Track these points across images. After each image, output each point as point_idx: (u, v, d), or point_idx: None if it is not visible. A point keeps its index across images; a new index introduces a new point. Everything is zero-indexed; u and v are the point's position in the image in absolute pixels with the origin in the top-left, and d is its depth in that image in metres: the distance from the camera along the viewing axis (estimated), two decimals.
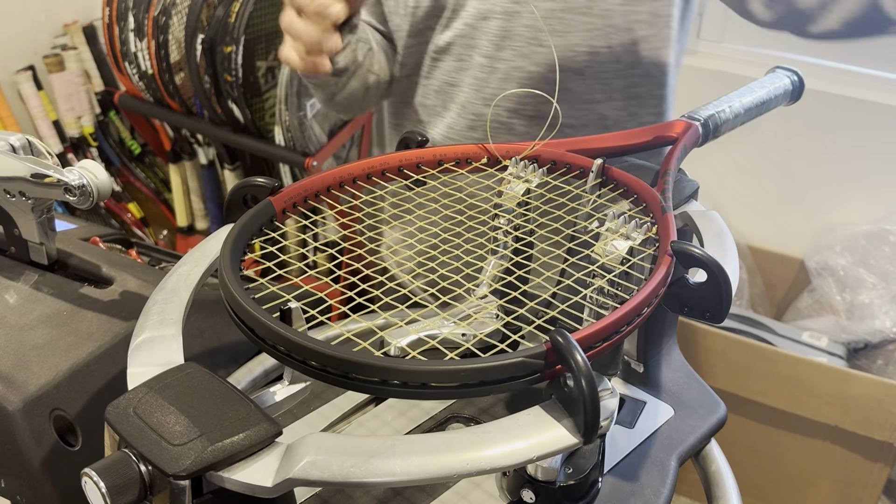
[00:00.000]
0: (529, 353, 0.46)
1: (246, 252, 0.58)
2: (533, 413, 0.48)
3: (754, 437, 1.74)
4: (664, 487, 0.62)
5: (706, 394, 0.71)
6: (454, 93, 0.93)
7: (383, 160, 0.69)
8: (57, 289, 0.74)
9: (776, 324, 1.83)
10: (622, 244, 0.58)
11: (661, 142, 0.71)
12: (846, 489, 1.70)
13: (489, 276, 0.67)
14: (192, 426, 0.45)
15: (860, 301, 1.76)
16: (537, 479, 0.56)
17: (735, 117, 0.75)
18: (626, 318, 0.50)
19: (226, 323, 0.76)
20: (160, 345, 0.52)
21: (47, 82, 1.93)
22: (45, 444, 0.63)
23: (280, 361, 0.49)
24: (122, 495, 0.44)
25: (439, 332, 0.58)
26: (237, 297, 0.50)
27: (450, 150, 0.71)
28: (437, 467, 0.44)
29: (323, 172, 0.67)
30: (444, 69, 0.92)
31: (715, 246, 0.59)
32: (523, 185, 0.67)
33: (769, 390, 1.66)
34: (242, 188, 0.64)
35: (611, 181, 0.67)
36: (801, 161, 1.88)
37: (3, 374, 0.63)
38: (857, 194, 1.85)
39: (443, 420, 0.70)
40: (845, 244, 1.81)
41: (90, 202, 0.68)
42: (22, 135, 0.73)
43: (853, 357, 1.76)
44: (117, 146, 2.09)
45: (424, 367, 0.45)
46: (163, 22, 1.73)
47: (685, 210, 0.65)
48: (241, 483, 0.44)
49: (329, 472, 0.44)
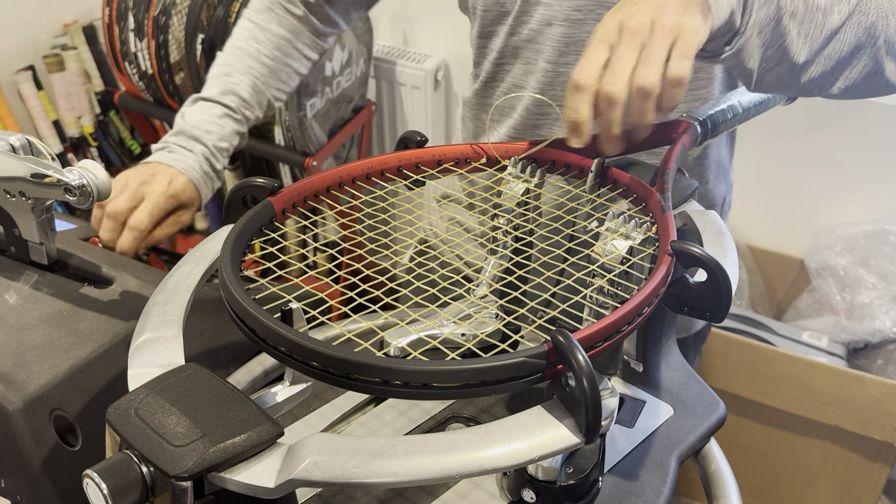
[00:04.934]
0: (531, 352, 0.46)
1: (246, 252, 0.58)
2: (534, 413, 0.48)
3: (754, 437, 1.74)
4: (664, 487, 0.62)
5: (705, 393, 0.71)
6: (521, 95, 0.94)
7: (383, 160, 0.69)
8: (57, 289, 0.74)
9: (776, 324, 1.83)
10: (622, 244, 0.58)
11: (660, 141, 0.71)
12: (846, 489, 1.70)
13: (489, 275, 0.67)
14: (194, 427, 0.45)
15: (860, 301, 1.76)
16: (538, 479, 0.56)
17: (733, 116, 0.75)
18: (627, 318, 0.50)
19: (226, 323, 0.76)
20: (161, 346, 0.52)
21: (47, 82, 1.92)
22: (45, 444, 0.63)
23: (281, 362, 0.49)
24: (124, 497, 0.44)
25: (440, 332, 0.58)
26: (238, 297, 0.50)
27: (449, 150, 0.71)
28: (439, 467, 0.44)
29: (323, 172, 0.67)
30: (512, 72, 0.95)
31: (714, 245, 0.59)
32: (522, 185, 0.67)
33: (769, 390, 1.65)
34: (242, 188, 0.64)
35: (610, 180, 0.67)
36: (801, 161, 1.88)
37: (3, 374, 0.63)
38: (857, 194, 1.85)
39: (443, 420, 0.70)
40: (845, 244, 1.80)
41: (90, 202, 0.68)
42: (22, 135, 0.73)
43: (853, 357, 1.76)
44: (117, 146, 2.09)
45: (426, 367, 0.45)
46: (163, 22, 1.73)
47: (684, 209, 0.65)
48: (243, 484, 0.44)
49: (331, 472, 0.44)
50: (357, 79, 1.84)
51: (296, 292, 0.60)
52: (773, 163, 1.92)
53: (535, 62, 0.91)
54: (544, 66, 0.90)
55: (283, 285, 0.57)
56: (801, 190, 1.91)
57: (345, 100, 1.83)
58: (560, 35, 0.88)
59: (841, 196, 1.87)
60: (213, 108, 1.00)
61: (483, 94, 0.99)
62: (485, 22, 0.94)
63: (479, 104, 1.01)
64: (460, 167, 0.71)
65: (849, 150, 1.83)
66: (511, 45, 0.93)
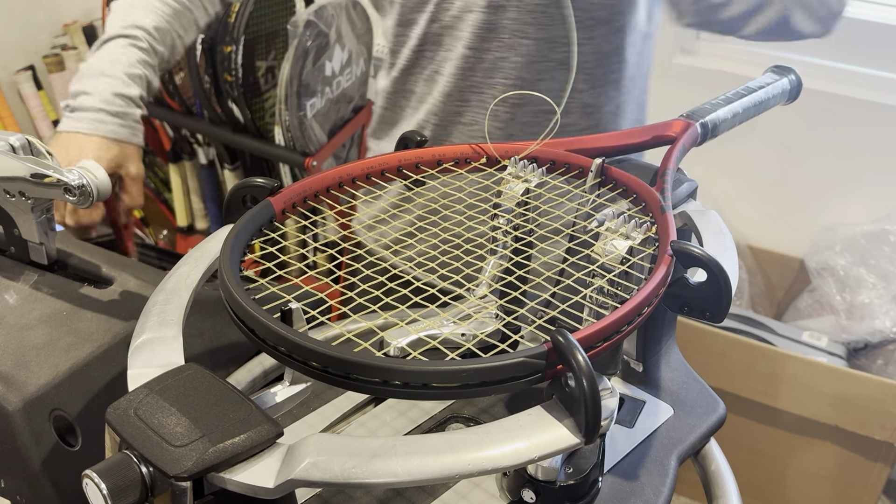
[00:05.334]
0: (530, 353, 0.46)
1: (246, 252, 0.58)
2: (534, 413, 0.48)
3: (754, 437, 1.74)
4: (664, 487, 0.62)
5: (705, 393, 0.71)
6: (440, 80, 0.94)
7: (382, 160, 0.69)
8: (57, 289, 0.74)
9: (776, 324, 1.83)
10: (622, 244, 0.58)
11: (659, 141, 0.71)
12: (846, 489, 1.70)
13: (489, 275, 0.67)
14: (194, 427, 0.45)
15: (860, 301, 1.76)
16: (538, 479, 0.56)
17: (733, 116, 0.75)
18: (627, 318, 0.50)
19: (226, 323, 0.76)
20: (160, 346, 0.52)
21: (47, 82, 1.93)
22: (45, 444, 0.63)
23: (281, 362, 0.49)
24: (124, 497, 0.44)
25: (439, 332, 0.58)
26: (238, 297, 0.50)
27: (449, 150, 0.71)
28: (438, 468, 0.44)
29: (322, 172, 0.67)
30: (431, 59, 0.95)
31: (714, 245, 0.59)
32: (522, 185, 0.67)
33: (769, 390, 1.66)
34: (242, 188, 0.64)
35: (610, 181, 0.67)
36: (801, 161, 1.88)
37: (3, 374, 0.63)
38: (857, 194, 1.85)
39: (443, 420, 0.70)
40: (845, 244, 1.81)
41: (90, 202, 0.68)
42: (22, 135, 0.73)
43: (853, 357, 1.76)
44: None
45: (426, 367, 0.45)
46: None
47: (684, 209, 0.65)
48: (243, 484, 0.44)
49: (331, 472, 0.44)
50: (357, 79, 1.84)
51: (296, 292, 0.60)
52: (773, 163, 1.92)
53: (454, 48, 0.92)
54: (464, 52, 0.91)
55: (283, 285, 0.57)
56: (801, 190, 1.91)
57: (345, 100, 1.83)
58: (480, 22, 0.89)
59: (841, 196, 1.87)
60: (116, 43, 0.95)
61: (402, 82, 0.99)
62: (405, 10, 0.94)
63: (398, 92, 1.01)
64: (460, 167, 0.71)
65: (849, 150, 1.83)
66: (432, 33, 0.93)
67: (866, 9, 1.79)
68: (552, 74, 0.91)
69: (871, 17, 1.78)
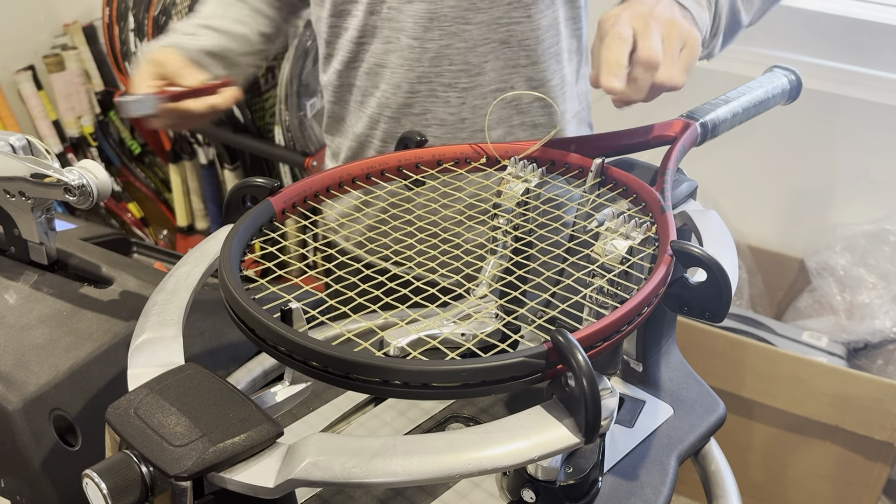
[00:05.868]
0: (530, 352, 0.46)
1: (246, 252, 0.59)
2: (534, 413, 0.48)
3: (754, 437, 1.74)
4: (664, 486, 0.62)
5: (705, 393, 0.71)
6: (385, 73, 0.94)
7: (383, 160, 0.69)
8: (57, 289, 0.74)
9: (776, 324, 1.83)
10: (622, 244, 0.58)
11: (659, 141, 0.71)
12: (846, 489, 1.70)
13: (489, 275, 0.67)
14: (194, 427, 0.45)
15: (860, 301, 1.76)
16: (538, 479, 0.56)
17: (733, 116, 0.75)
18: (627, 318, 0.50)
19: (226, 323, 0.76)
20: (160, 346, 0.52)
21: (47, 82, 1.93)
22: (45, 444, 0.63)
23: (281, 362, 0.49)
24: (124, 496, 0.44)
25: (439, 332, 0.58)
26: (238, 297, 0.50)
27: (449, 150, 0.71)
28: (438, 467, 0.44)
29: (322, 172, 0.67)
30: (372, 51, 0.95)
31: (714, 245, 0.59)
32: (522, 185, 0.67)
33: (769, 390, 1.66)
34: (242, 188, 0.64)
35: (610, 180, 0.67)
36: (801, 161, 1.88)
37: (3, 374, 0.63)
38: (857, 194, 1.85)
39: (443, 420, 0.70)
40: (845, 244, 1.81)
41: (90, 202, 0.68)
42: (22, 135, 0.73)
43: (853, 357, 1.76)
44: (117, 146, 2.09)
45: (426, 367, 0.45)
46: (163, 22, 1.73)
47: (684, 209, 0.65)
48: (243, 484, 0.44)
49: (331, 472, 0.44)
50: None
51: (296, 292, 0.60)
52: (772, 163, 1.92)
53: (397, 40, 0.92)
54: (409, 42, 0.91)
55: (283, 285, 0.57)
56: (801, 190, 1.91)
57: None
58: (422, 11, 0.89)
59: (841, 196, 1.87)
60: None
61: (345, 76, 0.99)
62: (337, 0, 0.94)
63: (342, 86, 1.01)
64: (460, 167, 0.71)
65: (849, 150, 1.83)
66: (370, 24, 0.93)
67: (866, 9, 1.79)
68: (496, 55, 0.92)
69: (871, 17, 1.78)
